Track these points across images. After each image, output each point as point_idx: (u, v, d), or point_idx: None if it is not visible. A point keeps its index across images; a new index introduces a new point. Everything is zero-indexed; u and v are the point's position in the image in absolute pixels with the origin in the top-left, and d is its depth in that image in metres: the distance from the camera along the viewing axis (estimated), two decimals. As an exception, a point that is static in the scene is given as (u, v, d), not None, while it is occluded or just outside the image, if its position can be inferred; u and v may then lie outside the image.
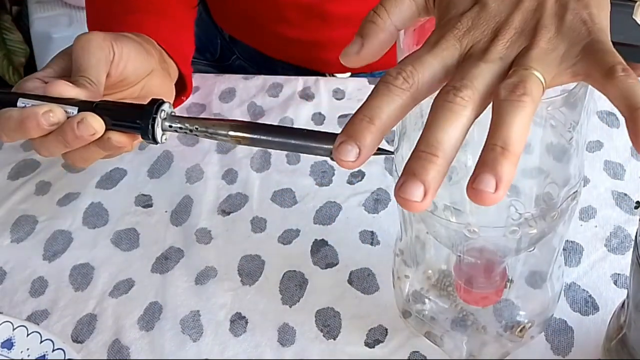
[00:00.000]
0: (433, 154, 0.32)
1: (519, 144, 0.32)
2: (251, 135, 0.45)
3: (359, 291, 0.59)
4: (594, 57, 0.35)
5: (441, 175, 0.33)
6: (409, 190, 0.32)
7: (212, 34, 0.91)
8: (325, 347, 0.55)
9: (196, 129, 0.47)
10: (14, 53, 1.78)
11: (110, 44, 0.55)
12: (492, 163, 0.31)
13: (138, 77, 0.59)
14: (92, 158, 0.53)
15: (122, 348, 0.56)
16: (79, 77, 0.52)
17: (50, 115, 0.49)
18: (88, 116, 0.49)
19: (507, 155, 0.32)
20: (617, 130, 0.71)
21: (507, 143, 0.32)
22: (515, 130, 0.32)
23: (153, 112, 0.48)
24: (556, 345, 0.54)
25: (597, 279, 0.58)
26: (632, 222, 0.62)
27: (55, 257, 0.63)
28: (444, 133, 0.33)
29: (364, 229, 0.63)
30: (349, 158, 0.34)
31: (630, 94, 0.33)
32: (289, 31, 0.82)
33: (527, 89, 0.33)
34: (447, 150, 0.33)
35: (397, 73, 0.35)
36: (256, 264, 0.61)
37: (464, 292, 0.48)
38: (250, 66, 0.90)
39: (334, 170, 0.68)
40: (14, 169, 0.70)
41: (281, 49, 0.86)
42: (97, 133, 0.49)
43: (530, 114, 0.33)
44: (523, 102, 0.33)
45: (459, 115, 0.33)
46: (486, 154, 0.32)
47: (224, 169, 0.69)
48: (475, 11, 0.37)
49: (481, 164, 0.32)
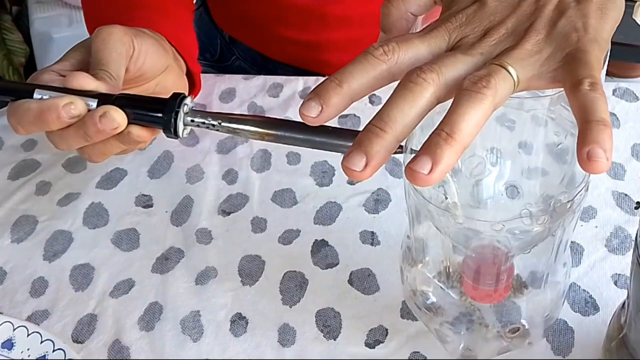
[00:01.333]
0: (382, 129, 0.33)
1: (466, 134, 0.32)
2: (275, 131, 0.45)
3: (359, 291, 0.59)
4: (570, 65, 0.35)
5: (387, 150, 0.33)
6: (352, 159, 0.33)
7: (212, 34, 0.91)
8: (326, 347, 0.55)
9: (219, 123, 0.47)
10: (14, 53, 1.78)
11: (131, 38, 0.54)
12: (433, 147, 0.32)
13: (155, 73, 0.58)
14: (110, 152, 0.52)
15: (123, 348, 0.56)
16: (98, 71, 0.51)
17: (72, 108, 0.48)
18: (111, 110, 0.48)
19: (450, 141, 0.32)
20: (617, 130, 0.71)
21: (453, 130, 0.32)
22: (465, 120, 0.32)
23: (176, 105, 0.48)
24: (556, 345, 0.54)
25: (598, 279, 0.58)
26: (632, 223, 0.62)
27: (55, 257, 0.63)
28: (398, 110, 0.33)
29: (364, 229, 0.63)
30: (310, 113, 0.35)
31: (588, 107, 0.33)
32: (289, 32, 0.82)
33: (491, 82, 0.33)
34: (397, 127, 0.33)
35: (380, 46, 0.36)
36: (256, 264, 0.61)
37: (470, 288, 0.48)
38: (250, 67, 0.90)
39: (334, 170, 0.68)
40: (14, 169, 0.70)
41: (281, 50, 0.86)
42: (119, 127, 0.48)
43: (486, 108, 0.33)
44: (482, 94, 0.33)
45: (416, 95, 0.34)
46: (431, 138, 0.33)
47: (224, 169, 0.69)
48: (473, 9, 0.38)
49: (424, 146, 0.32)
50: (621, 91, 0.75)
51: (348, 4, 0.79)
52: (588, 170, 0.32)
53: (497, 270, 0.46)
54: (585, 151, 0.32)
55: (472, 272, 0.47)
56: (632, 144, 0.69)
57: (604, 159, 0.31)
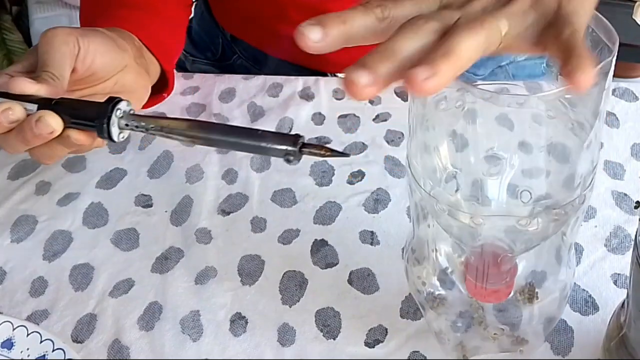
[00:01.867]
0: (391, 55, 0.34)
1: (463, 57, 0.33)
2: (206, 135, 0.45)
3: (359, 291, 0.59)
4: (554, 28, 0.36)
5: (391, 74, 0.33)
6: (356, 74, 0.33)
7: (213, 33, 0.91)
8: (325, 347, 0.55)
9: (151, 127, 0.47)
10: (14, 53, 1.78)
11: (76, 38, 0.55)
12: (431, 60, 0.32)
13: (108, 72, 0.59)
14: (57, 155, 0.53)
15: (122, 348, 0.56)
16: (42, 72, 0.52)
17: (10, 113, 0.49)
18: (46, 114, 0.49)
19: (448, 57, 0.33)
20: (617, 130, 0.71)
21: (450, 50, 0.33)
22: (462, 44, 0.33)
23: (109, 110, 0.48)
24: (556, 345, 0.54)
25: (597, 279, 0.58)
26: (632, 222, 0.62)
27: (55, 257, 0.63)
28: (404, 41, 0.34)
29: (364, 229, 0.63)
30: (312, 37, 0.37)
31: (571, 47, 0.34)
32: (291, 30, 0.82)
33: (486, 24, 0.34)
34: (403, 56, 0.34)
35: (377, 5, 0.37)
36: (256, 264, 0.61)
37: (473, 287, 0.48)
38: (252, 65, 0.90)
39: (334, 170, 0.68)
40: (14, 169, 0.70)
41: (282, 48, 0.86)
42: (55, 131, 0.49)
43: (480, 41, 0.34)
44: (476, 28, 0.34)
45: (421, 29, 0.35)
46: (429, 54, 0.33)
47: (224, 168, 0.69)
48: None
49: (422, 59, 0.33)
50: (621, 91, 0.75)
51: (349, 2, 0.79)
52: (574, 85, 0.33)
53: (500, 269, 0.46)
54: (568, 69, 0.33)
55: (475, 271, 0.47)
56: (631, 144, 0.69)
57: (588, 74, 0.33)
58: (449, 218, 0.43)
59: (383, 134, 0.72)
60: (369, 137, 0.71)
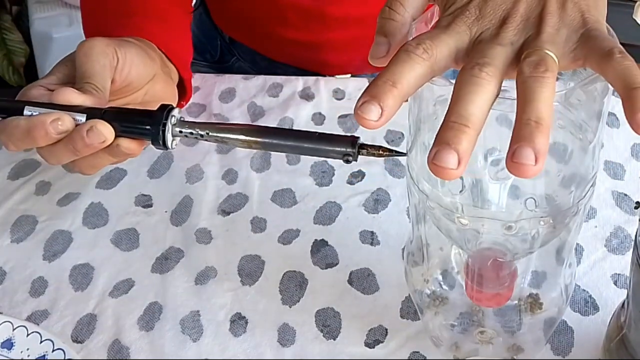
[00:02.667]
0: (465, 125, 0.34)
1: (550, 117, 0.34)
2: (263, 139, 0.45)
3: (359, 291, 0.59)
4: (592, 42, 0.36)
5: (472, 145, 0.34)
6: (444, 158, 0.33)
7: (212, 35, 0.91)
8: (325, 347, 0.55)
9: (207, 134, 0.47)
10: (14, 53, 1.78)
11: (114, 49, 0.55)
12: (529, 136, 0.33)
13: (142, 82, 0.59)
14: (100, 165, 0.53)
15: (122, 348, 0.56)
16: (84, 84, 0.52)
17: (59, 124, 0.48)
18: (97, 124, 0.48)
19: (541, 128, 0.33)
20: (617, 130, 0.71)
21: (539, 117, 0.33)
22: (545, 104, 0.34)
23: (163, 117, 0.48)
24: (556, 345, 0.54)
25: (597, 279, 0.58)
26: (632, 222, 0.62)
27: (55, 257, 0.63)
28: (474, 105, 0.34)
29: (364, 229, 0.63)
30: (371, 117, 0.35)
31: (627, 74, 0.34)
32: (289, 33, 0.82)
33: (549, 65, 0.35)
34: (476, 121, 0.34)
35: (417, 44, 0.36)
36: (256, 264, 0.61)
37: (472, 291, 0.48)
38: (250, 67, 0.90)
39: (334, 170, 0.68)
40: (14, 169, 0.70)
41: (281, 51, 0.86)
42: (107, 140, 0.49)
43: (554, 88, 0.34)
44: (547, 77, 0.34)
45: (485, 89, 0.35)
46: (521, 129, 0.33)
47: (224, 169, 0.69)
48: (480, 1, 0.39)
49: (518, 138, 0.33)
50: (621, 91, 0.74)
51: (347, 4, 0.79)
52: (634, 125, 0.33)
53: (499, 273, 0.46)
54: (638, 116, 0.33)
55: (474, 275, 0.47)
56: (631, 144, 0.69)
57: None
58: (448, 221, 0.43)
59: (383, 134, 0.72)
60: (369, 137, 0.71)
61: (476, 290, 0.48)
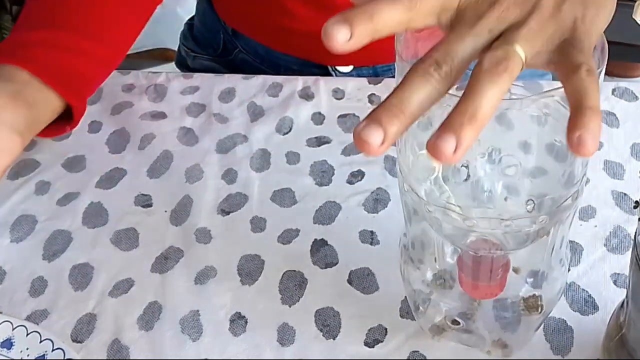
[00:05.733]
0: (401, 111, 0.33)
1: (487, 116, 0.33)
2: None
3: (359, 291, 0.59)
4: (569, 51, 0.36)
5: (401, 132, 0.34)
6: (370, 133, 0.33)
7: (215, 28, 0.91)
8: (325, 347, 0.55)
9: None
10: (14, 53, 1.77)
11: None
12: (458, 126, 0.32)
13: None
14: None
15: (122, 348, 0.56)
16: None
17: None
18: None
19: (473, 123, 0.33)
20: (617, 130, 0.71)
21: (477, 111, 0.33)
22: (488, 102, 0.33)
23: None
24: (556, 345, 0.54)
25: (597, 278, 0.58)
26: (631, 222, 0.62)
27: (55, 257, 0.63)
28: (414, 99, 0.34)
29: (363, 229, 0.63)
30: (339, 36, 0.34)
31: (583, 92, 0.34)
32: (293, 24, 0.82)
33: (509, 66, 0.34)
34: (414, 112, 0.34)
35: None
36: (256, 264, 0.61)
37: (466, 284, 0.48)
38: (253, 60, 0.90)
39: (333, 170, 0.68)
40: (14, 169, 0.70)
41: (285, 42, 0.86)
42: None
43: (505, 90, 0.34)
44: (502, 77, 0.34)
45: (433, 88, 0.34)
46: (454, 117, 0.33)
47: (224, 168, 0.69)
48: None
49: (447, 124, 0.33)
50: (620, 90, 0.75)
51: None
52: (577, 153, 0.33)
53: (492, 265, 0.47)
54: (575, 135, 0.33)
55: (467, 268, 0.47)
56: (631, 144, 0.69)
57: (593, 145, 0.33)
58: (441, 219, 0.43)
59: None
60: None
61: (469, 283, 0.48)
